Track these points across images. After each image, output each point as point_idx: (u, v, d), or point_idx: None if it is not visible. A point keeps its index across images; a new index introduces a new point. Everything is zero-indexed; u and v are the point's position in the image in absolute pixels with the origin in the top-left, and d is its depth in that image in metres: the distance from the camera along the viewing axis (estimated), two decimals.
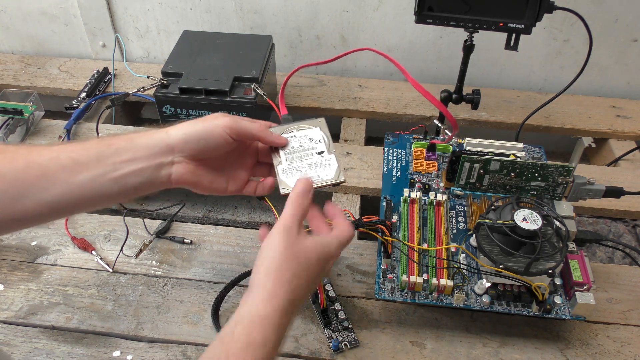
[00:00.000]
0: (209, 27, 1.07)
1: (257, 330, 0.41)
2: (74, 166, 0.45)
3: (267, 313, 0.42)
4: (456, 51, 0.82)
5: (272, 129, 0.58)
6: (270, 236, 0.46)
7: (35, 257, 0.73)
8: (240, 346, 0.40)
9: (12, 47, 1.16)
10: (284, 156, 0.57)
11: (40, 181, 0.43)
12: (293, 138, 0.59)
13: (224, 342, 0.41)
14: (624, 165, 0.91)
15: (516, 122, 0.95)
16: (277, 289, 0.43)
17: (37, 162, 0.44)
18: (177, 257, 0.74)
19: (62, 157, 0.45)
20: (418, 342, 0.64)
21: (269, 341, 0.41)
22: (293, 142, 0.58)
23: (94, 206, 0.48)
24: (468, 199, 0.72)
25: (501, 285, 0.61)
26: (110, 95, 0.99)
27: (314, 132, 0.59)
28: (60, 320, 0.66)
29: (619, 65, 1.03)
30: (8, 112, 0.89)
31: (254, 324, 0.41)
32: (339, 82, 1.05)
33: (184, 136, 0.50)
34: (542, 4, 0.69)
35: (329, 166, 0.57)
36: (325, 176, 0.56)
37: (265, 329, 0.41)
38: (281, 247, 0.45)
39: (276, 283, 0.43)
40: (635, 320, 0.66)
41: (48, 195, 0.43)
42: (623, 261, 0.79)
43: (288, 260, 0.44)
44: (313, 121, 0.60)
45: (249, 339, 0.40)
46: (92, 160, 0.45)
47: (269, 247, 0.45)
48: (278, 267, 0.44)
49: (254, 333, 0.40)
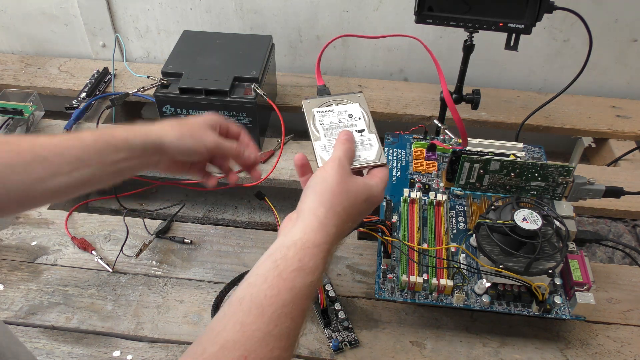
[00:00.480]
0: (209, 27, 1.07)
1: (308, 256, 0.42)
2: (76, 162, 0.50)
3: (319, 241, 0.42)
4: (456, 51, 0.82)
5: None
6: (326, 168, 0.47)
7: (35, 257, 0.73)
8: (293, 269, 0.41)
9: (12, 47, 1.16)
10: (323, 132, 0.53)
11: (47, 173, 0.48)
12: (331, 112, 0.55)
13: (275, 261, 0.41)
14: (624, 165, 0.91)
15: (516, 122, 0.95)
16: (329, 220, 0.44)
17: (42, 156, 0.48)
18: (177, 257, 0.74)
19: (65, 155, 0.49)
20: (418, 342, 0.64)
21: (317, 269, 0.42)
22: (332, 117, 0.54)
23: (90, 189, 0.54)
24: (468, 199, 0.72)
25: (501, 285, 0.61)
26: (110, 95, 0.99)
27: (353, 108, 0.55)
28: (60, 320, 0.66)
29: (619, 65, 1.03)
30: (8, 112, 0.89)
31: (306, 250, 0.42)
32: (339, 82, 1.05)
33: (177, 148, 0.55)
34: (542, 4, 0.69)
35: (369, 146, 0.53)
36: (366, 157, 0.52)
37: (316, 256, 0.42)
38: (336, 179, 0.45)
39: (328, 213, 0.44)
40: (635, 320, 0.66)
41: (52, 185, 0.48)
42: (623, 261, 0.79)
43: (341, 193, 0.45)
44: (352, 96, 0.56)
45: (301, 264, 0.41)
46: (92, 158, 0.50)
47: (324, 177, 0.46)
48: (331, 198, 0.45)
49: (306, 258, 0.41)
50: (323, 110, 0.55)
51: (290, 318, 0.40)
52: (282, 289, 0.40)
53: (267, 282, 0.40)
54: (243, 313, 0.39)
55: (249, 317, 0.39)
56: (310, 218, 0.44)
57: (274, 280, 0.40)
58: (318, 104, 0.55)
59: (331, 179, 0.46)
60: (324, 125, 0.54)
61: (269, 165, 0.86)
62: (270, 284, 0.40)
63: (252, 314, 0.39)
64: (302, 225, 0.44)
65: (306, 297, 0.41)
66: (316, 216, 0.44)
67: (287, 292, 0.40)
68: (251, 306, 0.39)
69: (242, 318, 0.39)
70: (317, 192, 0.45)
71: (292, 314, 0.40)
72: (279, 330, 0.39)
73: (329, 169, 0.46)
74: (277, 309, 0.39)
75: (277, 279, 0.40)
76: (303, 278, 0.41)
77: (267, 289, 0.40)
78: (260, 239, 0.76)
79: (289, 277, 0.40)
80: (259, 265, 0.42)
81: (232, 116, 0.84)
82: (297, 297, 0.40)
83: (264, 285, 0.40)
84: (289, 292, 0.40)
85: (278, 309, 0.39)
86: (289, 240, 0.43)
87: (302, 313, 0.41)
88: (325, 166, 0.47)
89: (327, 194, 0.45)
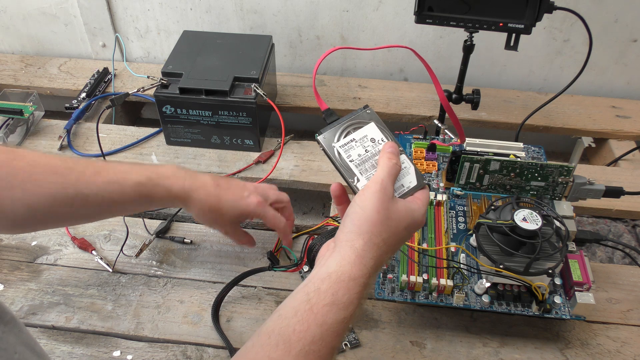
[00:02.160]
0: (209, 27, 1.07)
1: (343, 290, 0.40)
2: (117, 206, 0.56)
3: (355, 274, 0.40)
4: (456, 51, 0.82)
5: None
6: (365, 193, 0.44)
7: (36, 257, 0.73)
8: (325, 303, 0.39)
9: (12, 47, 1.16)
10: (356, 170, 0.48)
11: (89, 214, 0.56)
12: (354, 142, 0.49)
13: (308, 294, 0.40)
14: (623, 165, 0.91)
15: (516, 122, 0.95)
16: (367, 252, 0.42)
17: (84, 194, 0.52)
18: (177, 257, 0.74)
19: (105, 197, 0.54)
20: (418, 342, 0.64)
21: (352, 304, 0.40)
22: (357, 149, 0.49)
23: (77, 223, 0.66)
24: (468, 199, 0.72)
25: (501, 285, 0.61)
26: (110, 95, 0.99)
27: (371, 130, 0.50)
28: (60, 320, 0.66)
29: (619, 65, 1.03)
30: (8, 112, 0.89)
31: (341, 283, 0.40)
32: (339, 82, 1.05)
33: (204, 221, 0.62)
34: (542, 4, 0.69)
35: (406, 171, 0.49)
36: (408, 183, 0.48)
37: (351, 290, 0.40)
38: (376, 206, 0.43)
39: (367, 245, 0.42)
40: (635, 320, 0.66)
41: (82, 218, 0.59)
42: (623, 261, 0.79)
43: (381, 223, 0.42)
44: (361, 114, 0.51)
45: (334, 298, 0.39)
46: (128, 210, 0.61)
47: (363, 205, 0.43)
48: (370, 228, 0.42)
49: (339, 292, 0.40)
50: (344, 143, 0.49)
51: (318, 356, 0.38)
52: (312, 324, 0.38)
53: (297, 316, 0.39)
54: (270, 347, 0.38)
55: (276, 352, 0.38)
56: (347, 250, 0.41)
57: (304, 314, 0.39)
58: (335, 136, 0.49)
59: (370, 207, 0.43)
60: (354, 162, 0.49)
61: (269, 166, 0.86)
62: (299, 319, 0.39)
63: (279, 349, 0.38)
64: (338, 257, 0.41)
65: (337, 335, 0.39)
66: (353, 248, 0.41)
67: (317, 328, 0.38)
68: (279, 340, 0.38)
69: (270, 352, 0.38)
70: (354, 222, 0.43)
71: (320, 352, 0.38)
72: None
73: (368, 194, 0.43)
74: (304, 346, 0.38)
75: (307, 313, 0.39)
76: (335, 314, 0.39)
77: (296, 323, 0.38)
78: (260, 239, 0.76)
79: (320, 312, 0.39)
80: (292, 297, 0.41)
81: (232, 116, 0.84)
82: (327, 334, 0.38)
83: (294, 319, 0.39)
84: (319, 327, 0.38)
85: (306, 345, 0.38)
86: (324, 272, 0.41)
87: (331, 351, 0.39)
88: (365, 191, 0.44)
89: (366, 225, 0.42)
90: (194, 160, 0.87)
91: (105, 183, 0.53)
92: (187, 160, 0.87)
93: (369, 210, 0.43)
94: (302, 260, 0.71)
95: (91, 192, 0.52)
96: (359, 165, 0.48)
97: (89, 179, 0.53)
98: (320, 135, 0.50)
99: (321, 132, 0.50)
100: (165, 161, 0.87)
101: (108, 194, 0.53)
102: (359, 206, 0.43)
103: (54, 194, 0.51)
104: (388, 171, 0.45)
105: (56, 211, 0.52)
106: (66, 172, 0.52)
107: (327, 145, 0.49)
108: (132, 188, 0.54)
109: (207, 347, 0.63)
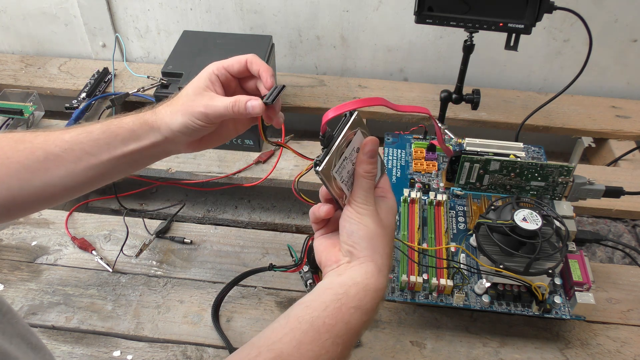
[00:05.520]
0: (209, 27, 1.07)
1: (368, 298, 0.44)
2: (86, 157, 0.51)
3: (379, 286, 0.45)
4: (456, 51, 0.82)
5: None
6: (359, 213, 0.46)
7: (36, 257, 0.73)
8: (352, 306, 0.43)
9: (12, 47, 1.16)
10: (345, 187, 0.47)
11: (59, 170, 0.50)
12: (345, 162, 0.47)
13: (337, 294, 0.44)
14: (623, 165, 0.91)
15: (516, 122, 0.95)
16: (384, 265, 0.46)
17: (54, 154, 0.50)
18: (177, 257, 0.74)
19: (75, 149, 0.50)
20: (418, 342, 0.64)
21: (372, 311, 0.44)
22: (347, 167, 0.47)
23: (109, 181, 0.55)
24: (468, 199, 0.72)
25: (501, 285, 0.61)
26: (110, 95, 0.99)
27: (358, 140, 0.48)
28: (60, 320, 0.66)
29: (619, 65, 1.03)
30: (8, 112, 0.89)
31: (368, 292, 0.44)
32: (339, 82, 1.05)
33: (175, 133, 0.52)
34: (542, 4, 0.69)
35: None
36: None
37: (374, 299, 0.44)
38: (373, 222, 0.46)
39: (383, 259, 0.46)
40: (635, 320, 0.66)
41: (65, 180, 0.50)
42: (623, 261, 0.79)
43: (383, 235, 0.47)
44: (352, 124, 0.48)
45: (360, 303, 0.43)
46: (102, 151, 0.51)
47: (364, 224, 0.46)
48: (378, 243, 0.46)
49: (365, 299, 0.44)
50: (339, 166, 0.46)
51: (340, 350, 0.42)
52: (340, 321, 0.42)
53: (327, 311, 0.43)
54: (301, 332, 0.42)
55: (306, 337, 0.41)
56: (370, 265, 0.45)
57: (333, 311, 0.43)
58: (333, 163, 0.46)
59: (371, 223, 0.46)
60: (344, 181, 0.47)
61: (269, 166, 0.86)
62: (329, 314, 0.42)
63: (308, 335, 0.41)
64: (361, 270, 0.45)
65: (356, 335, 0.44)
66: (375, 263, 0.45)
67: (343, 325, 0.42)
68: (309, 328, 0.42)
69: (300, 336, 0.41)
70: (364, 239, 0.46)
71: (342, 345, 0.42)
72: (328, 357, 0.41)
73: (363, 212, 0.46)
74: (330, 337, 0.42)
75: (336, 311, 0.43)
76: (359, 316, 0.43)
77: (326, 317, 0.42)
78: (260, 239, 0.76)
79: (347, 312, 0.43)
80: (318, 293, 0.45)
81: None
82: (350, 333, 0.43)
83: (324, 312, 0.43)
84: (344, 325, 0.42)
85: (331, 337, 0.42)
86: (350, 280, 0.44)
87: (349, 347, 0.43)
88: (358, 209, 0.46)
89: (375, 240, 0.46)
90: (194, 160, 0.87)
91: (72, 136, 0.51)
92: (187, 160, 0.87)
93: (371, 226, 0.46)
94: (302, 260, 0.71)
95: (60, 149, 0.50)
96: (347, 182, 0.47)
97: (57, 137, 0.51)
98: (321, 166, 0.45)
99: (320, 161, 0.45)
100: (165, 161, 0.87)
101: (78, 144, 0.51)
102: (361, 223, 0.46)
103: (23, 162, 0.49)
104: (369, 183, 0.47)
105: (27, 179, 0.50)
106: (31, 138, 0.51)
107: (326, 176, 0.45)
108: (98, 129, 0.51)
109: (207, 347, 0.63)
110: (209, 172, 0.85)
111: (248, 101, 0.50)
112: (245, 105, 0.50)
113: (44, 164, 0.49)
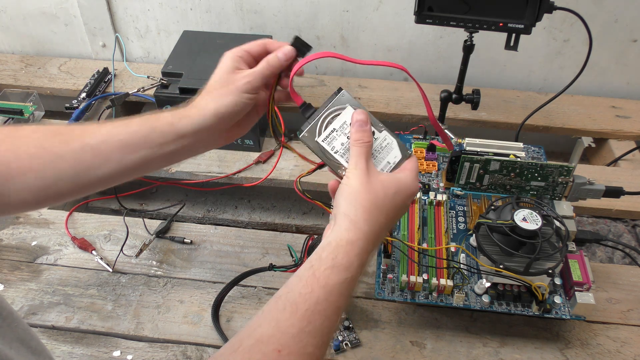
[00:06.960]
0: (209, 27, 1.07)
1: (342, 254, 0.43)
2: (123, 148, 0.50)
3: (351, 239, 0.44)
4: (456, 51, 0.82)
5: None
6: (348, 175, 0.48)
7: (36, 257, 0.73)
8: (326, 267, 0.42)
9: (12, 47, 1.16)
10: (342, 159, 0.50)
11: (95, 161, 0.50)
12: (335, 133, 0.50)
13: (310, 262, 0.43)
14: (623, 165, 0.92)
15: (516, 122, 0.95)
16: (359, 217, 0.45)
17: (90, 145, 0.49)
18: (177, 257, 0.74)
19: (112, 141, 0.50)
20: (418, 342, 0.64)
21: (351, 265, 0.43)
22: (340, 139, 0.50)
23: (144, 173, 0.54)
24: (468, 199, 0.72)
25: (501, 285, 0.61)
26: (110, 95, 0.99)
27: (349, 114, 0.51)
28: (60, 320, 0.66)
29: (619, 65, 1.03)
30: (8, 112, 0.90)
31: (340, 248, 0.43)
32: (339, 82, 1.05)
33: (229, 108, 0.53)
34: (542, 4, 0.69)
35: (389, 147, 0.51)
36: (393, 159, 0.50)
37: (349, 253, 0.43)
38: (359, 180, 0.47)
39: (358, 211, 0.45)
40: (635, 320, 0.66)
41: (101, 173, 0.50)
42: (623, 261, 0.79)
43: (368, 192, 0.46)
44: (337, 99, 0.51)
45: (334, 262, 0.43)
46: (140, 143, 0.51)
47: (348, 183, 0.47)
48: (358, 197, 0.46)
49: (339, 256, 0.43)
50: (326, 135, 0.50)
51: (324, 316, 0.41)
52: (316, 287, 0.41)
53: (301, 282, 0.42)
54: (278, 310, 0.41)
55: (284, 314, 0.41)
56: (342, 219, 0.45)
57: (308, 279, 0.42)
58: (316, 130, 0.50)
59: (354, 182, 0.47)
60: (339, 152, 0.50)
61: (269, 165, 0.86)
62: (304, 283, 0.42)
63: (286, 311, 0.41)
64: (335, 228, 0.45)
65: (340, 294, 0.42)
66: (346, 215, 0.45)
67: (321, 289, 0.41)
68: (286, 304, 0.41)
69: (277, 315, 0.41)
70: (344, 197, 0.46)
71: (326, 311, 0.41)
72: (313, 327, 0.40)
73: (350, 175, 0.48)
74: (310, 306, 0.41)
75: (311, 278, 0.42)
76: (337, 275, 0.42)
77: (301, 287, 0.42)
78: (260, 239, 0.76)
79: (322, 275, 0.42)
80: (298, 271, 0.44)
81: None
82: (331, 294, 0.42)
83: (299, 284, 0.42)
84: (322, 289, 0.41)
85: (311, 306, 0.41)
86: (325, 242, 0.44)
87: (336, 311, 0.42)
88: (347, 174, 0.48)
89: (354, 195, 0.46)
90: (194, 160, 0.87)
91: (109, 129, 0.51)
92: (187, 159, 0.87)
93: (353, 184, 0.46)
94: (302, 260, 0.71)
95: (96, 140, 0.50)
96: (344, 154, 0.50)
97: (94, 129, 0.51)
98: (301, 133, 0.50)
99: (302, 129, 0.50)
100: None
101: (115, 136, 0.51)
102: (345, 185, 0.47)
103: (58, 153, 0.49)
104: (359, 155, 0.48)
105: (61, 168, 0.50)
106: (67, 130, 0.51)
107: (311, 143, 0.51)
108: (136, 122, 0.52)
109: (207, 347, 0.63)
110: (209, 172, 0.85)
111: (278, 52, 0.54)
112: (276, 55, 0.54)
113: (80, 154, 0.49)
